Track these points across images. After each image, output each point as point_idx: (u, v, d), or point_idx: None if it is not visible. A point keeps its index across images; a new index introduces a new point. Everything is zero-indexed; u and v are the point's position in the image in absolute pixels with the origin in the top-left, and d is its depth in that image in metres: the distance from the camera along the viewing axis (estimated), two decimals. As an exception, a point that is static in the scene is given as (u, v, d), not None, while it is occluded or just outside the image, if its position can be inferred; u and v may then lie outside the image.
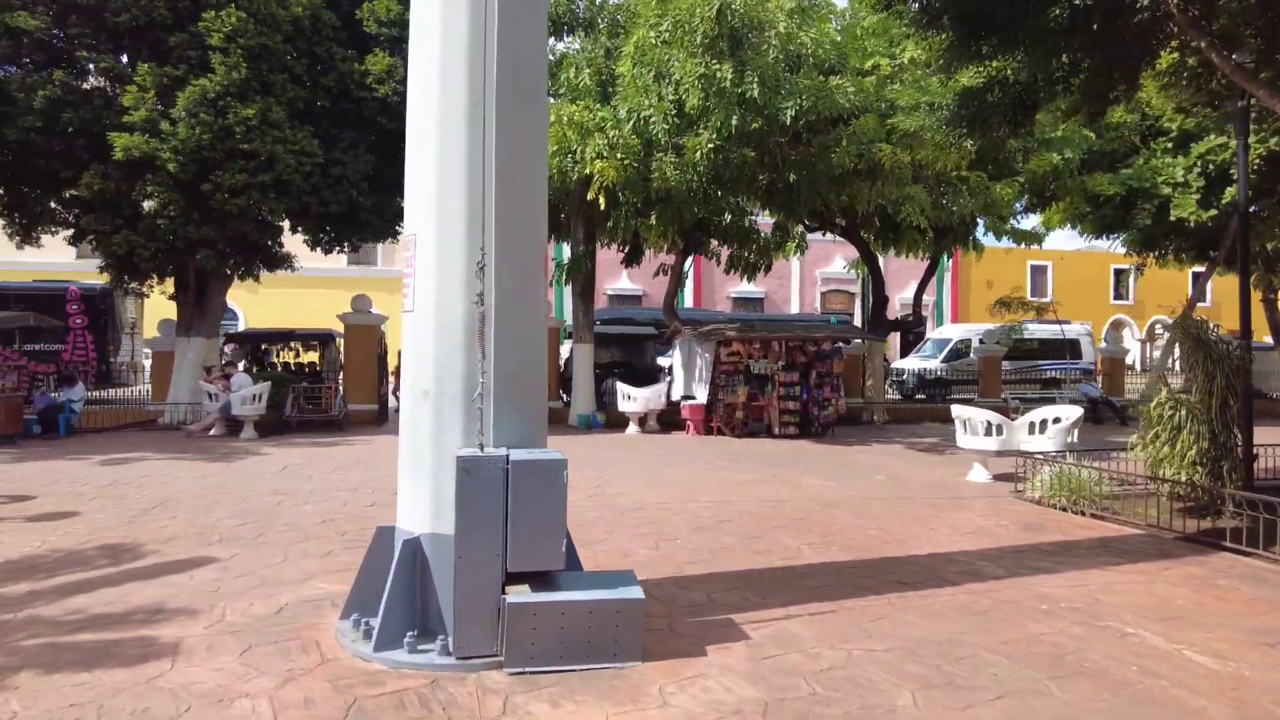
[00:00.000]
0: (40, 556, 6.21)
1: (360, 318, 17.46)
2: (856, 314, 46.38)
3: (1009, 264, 45.95)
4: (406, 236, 4.54)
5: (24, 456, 11.73)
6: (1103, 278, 49.35)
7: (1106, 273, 49.35)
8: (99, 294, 23.01)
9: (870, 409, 18.95)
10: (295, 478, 9.96)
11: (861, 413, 18.57)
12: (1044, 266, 48.13)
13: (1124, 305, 49.58)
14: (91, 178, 13.41)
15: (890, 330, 20.26)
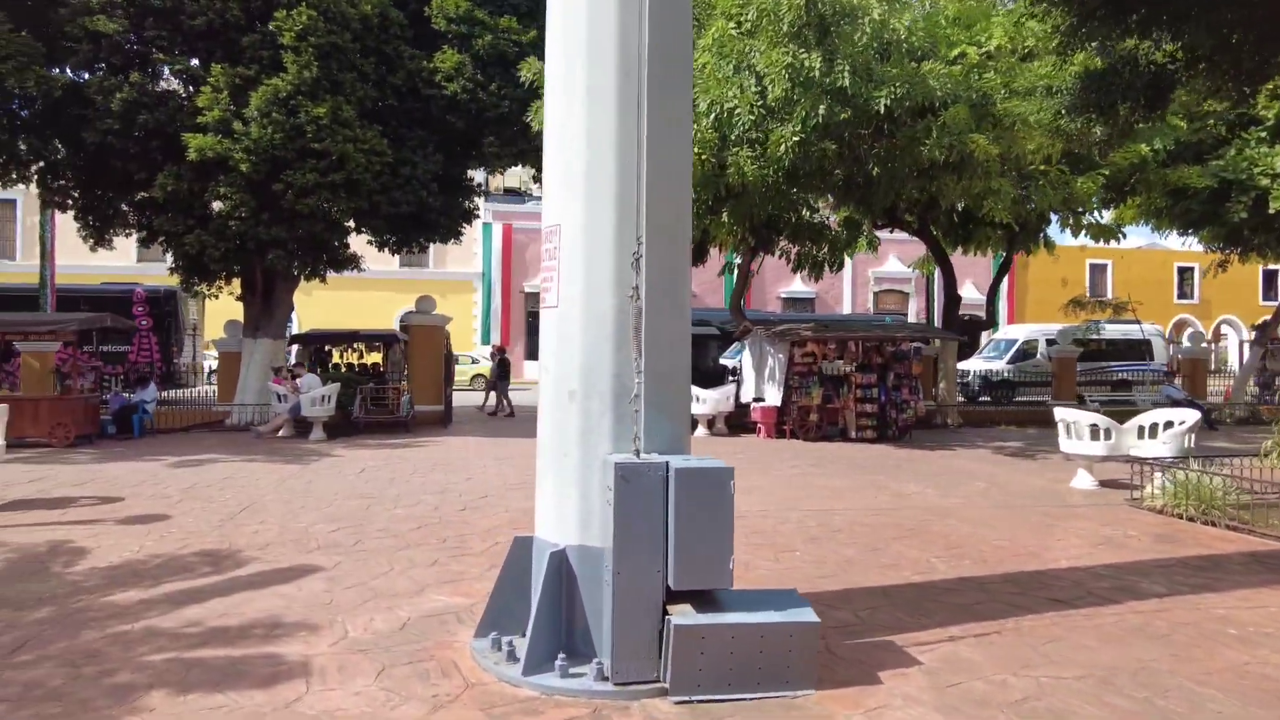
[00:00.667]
0: (140, 562, 6.01)
1: (425, 318, 17.33)
2: (910, 313, 45.47)
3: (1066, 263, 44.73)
4: (548, 227, 4.20)
5: (103, 457, 11.71)
6: (1165, 276, 47.69)
7: (1170, 271, 47.68)
8: (163, 296, 23.27)
9: (943, 412, 18.30)
10: (377, 481, 9.74)
11: (933, 416, 17.93)
12: (1103, 265, 46.66)
13: (1188, 304, 47.87)
14: (165, 179, 13.41)
15: (964, 330, 19.57)
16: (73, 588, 5.36)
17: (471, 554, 6.28)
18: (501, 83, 14.48)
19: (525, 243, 40.64)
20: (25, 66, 12.69)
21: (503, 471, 10.56)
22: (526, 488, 9.24)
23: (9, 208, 36.01)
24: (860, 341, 15.06)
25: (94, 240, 16.29)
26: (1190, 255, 46.23)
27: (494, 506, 8.20)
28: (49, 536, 6.84)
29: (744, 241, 14.95)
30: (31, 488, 9.17)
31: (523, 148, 15.21)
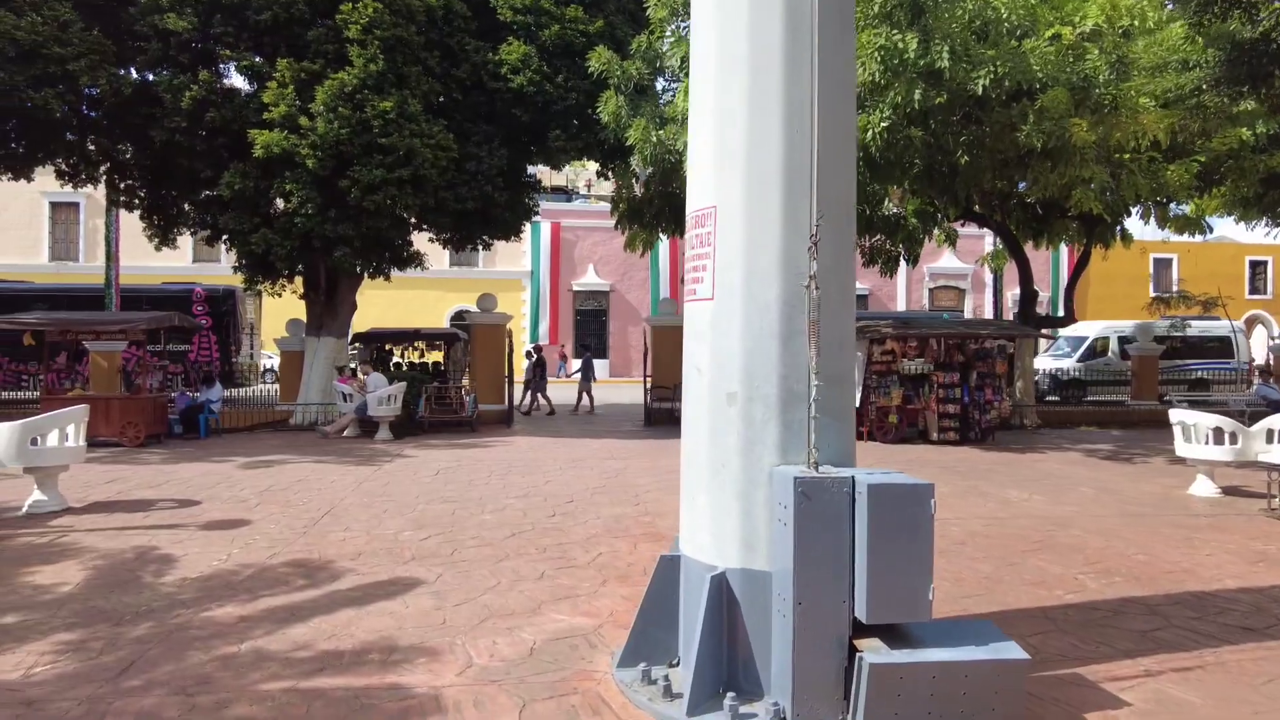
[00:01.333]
0: (231, 572, 5.70)
1: (487, 317, 17.05)
2: (966, 310, 44.26)
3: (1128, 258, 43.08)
4: (698, 211, 3.75)
5: (174, 457, 11.58)
6: (1236, 270, 45.71)
7: (1240, 265, 45.74)
8: (222, 295, 23.39)
9: (1020, 412, 17.51)
10: (455, 484, 9.40)
11: (1009, 416, 17.15)
12: (1168, 260, 44.97)
13: (1261, 300, 45.86)
14: (232, 176, 13.28)
15: (1041, 326, 18.74)
16: (167, 600, 5.05)
17: (577, 566, 5.86)
18: (568, 74, 14.10)
19: (573, 241, 40.43)
20: (98, 65, 12.64)
21: (580, 475, 10.16)
22: (609, 492, 8.87)
23: (72, 210, 36.75)
24: (942, 339, 14.38)
25: (159, 239, 16.30)
26: (1263, 248, 44.29)
27: (584, 513, 7.79)
28: (134, 542, 6.59)
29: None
30: (110, 489, 9.00)
31: (588, 141, 14.81)
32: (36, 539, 6.74)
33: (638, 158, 13.07)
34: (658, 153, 12.92)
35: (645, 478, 9.94)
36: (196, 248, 37.12)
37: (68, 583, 5.46)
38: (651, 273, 40.51)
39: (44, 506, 7.82)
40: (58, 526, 7.20)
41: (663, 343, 17.30)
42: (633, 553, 6.24)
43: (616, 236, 40.97)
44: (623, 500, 8.45)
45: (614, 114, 13.23)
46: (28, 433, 7.68)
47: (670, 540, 6.58)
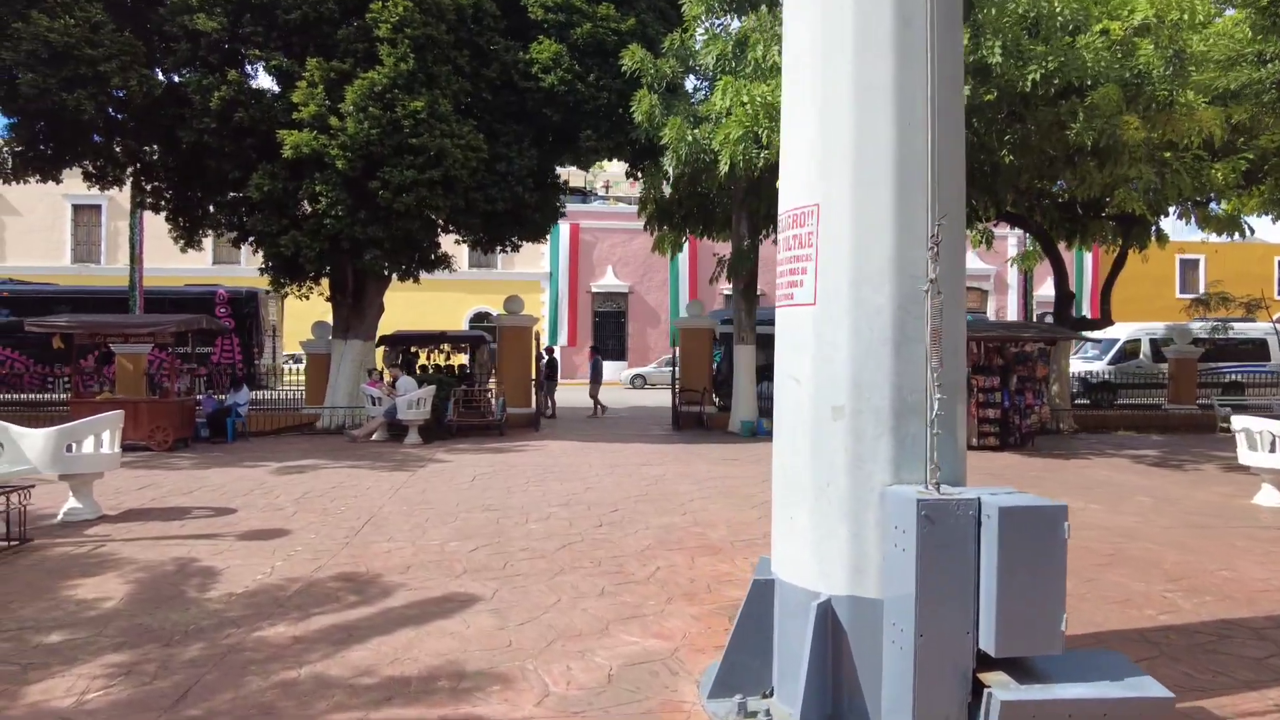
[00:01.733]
0: (278, 587, 5.48)
1: (514, 319, 16.85)
2: (990, 312, 43.75)
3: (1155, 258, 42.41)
4: (796, 209, 3.49)
5: (204, 462, 11.42)
6: (1264, 271, 44.89)
7: (1269, 266, 44.99)
8: (245, 297, 23.31)
9: (1057, 416, 17.14)
10: (493, 490, 9.16)
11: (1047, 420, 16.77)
12: (1195, 260, 44.35)
13: (1292, 302, 45.03)
14: (260, 178, 13.12)
15: (1078, 329, 18.36)
16: (216, 618, 4.84)
17: (636, 581, 5.61)
18: (600, 73, 13.87)
19: (592, 242, 40.26)
20: (128, 66, 12.51)
21: (619, 481, 9.91)
22: (653, 500, 8.60)
23: (94, 213, 36.89)
24: (982, 342, 14.04)
25: (184, 241, 16.18)
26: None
27: (631, 523, 7.53)
28: (173, 553, 6.39)
29: None
30: (143, 496, 8.83)
31: (618, 141, 14.57)
32: (74, 549, 6.55)
33: (671, 157, 12.82)
34: (692, 152, 12.66)
35: (685, 485, 9.68)
36: (217, 250, 37.21)
37: (110, 597, 5.26)
38: (671, 274, 40.25)
39: (79, 514, 7.65)
40: (94, 535, 7.02)
41: (691, 345, 17.05)
42: (691, 567, 5.98)
43: (636, 238, 40.94)
44: (668, 509, 8.19)
45: (647, 113, 12.99)
46: (63, 439, 7.51)
47: (728, 553, 6.36)
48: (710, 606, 5.05)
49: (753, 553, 6.44)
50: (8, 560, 6.17)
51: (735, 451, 12.95)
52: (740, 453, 12.80)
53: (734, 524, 7.53)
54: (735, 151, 12.00)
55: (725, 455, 12.46)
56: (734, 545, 6.71)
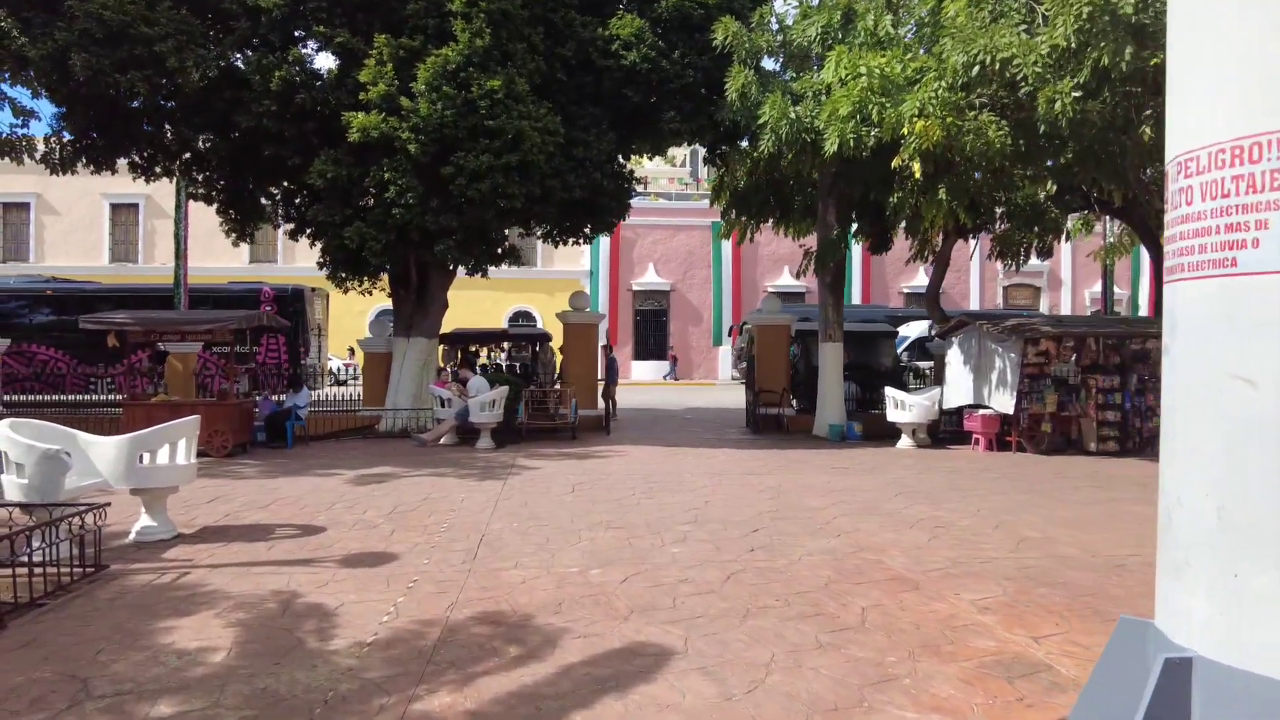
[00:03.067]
0: (413, 634, 4.51)
1: (579, 316, 15.90)
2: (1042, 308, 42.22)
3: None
4: (1223, 144, 2.43)
5: (270, 469, 10.53)
6: None
7: None
8: (290, 294, 22.52)
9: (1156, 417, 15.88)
10: (602, 503, 8.17)
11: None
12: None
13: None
14: (323, 164, 12.23)
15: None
16: (354, 680, 3.86)
17: (850, 627, 4.57)
18: (685, 49, 12.85)
19: (632, 239, 39.25)
20: (185, 46, 11.67)
21: (734, 493, 8.88)
22: (789, 518, 7.45)
23: (131, 211, 36.43)
24: (1100, 338, 12.87)
25: (235, 234, 15.39)
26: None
27: (785, 546, 6.50)
28: (270, 584, 5.45)
29: (964, 222, 12.96)
30: (215, 511, 7.92)
31: (701, 123, 13.54)
32: (156, 576, 5.63)
33: (768, 137, 11.77)
34: (793, 131, 11.62)
35: (813, 498, 8.62)
36: (254, 248, 36.61)
37: (216, 646, 4.31)
38: (714, 271, 39.19)
39: (153, 533, 6.74)
40: (174, 560, 6.10)
41: (769, 344, 15.98)
42: (902, 608, 4.94)
43: (677, 234, 39.92)
44: (815, 529, 7.15)
45: (741, 90, 11.96)
46: (136, 448, 6.61)
47: (929, 589, 5.05)
48: (970, 664, 4.01)
49: (953, 586, 5.40)
50: (86, 593, 5.26)
51: (835, 458, 11.87)
52: (842, 460, 11.72)
53: (906, 549, 6.47)
54: (844, 129, 10.94)
55: (829, 463, 11.39)
56: (927, 577, 5.65)
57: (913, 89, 10.55)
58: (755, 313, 16.76)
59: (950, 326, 14.05)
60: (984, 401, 13.15)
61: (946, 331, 14.12)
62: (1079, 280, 42.88)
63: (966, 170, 12.19)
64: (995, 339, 12.83)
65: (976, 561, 6.10)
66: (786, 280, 39.46)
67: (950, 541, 6.74)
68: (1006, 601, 5.09)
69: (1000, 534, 7.06)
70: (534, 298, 38.19)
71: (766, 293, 39.79)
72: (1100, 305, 31.99)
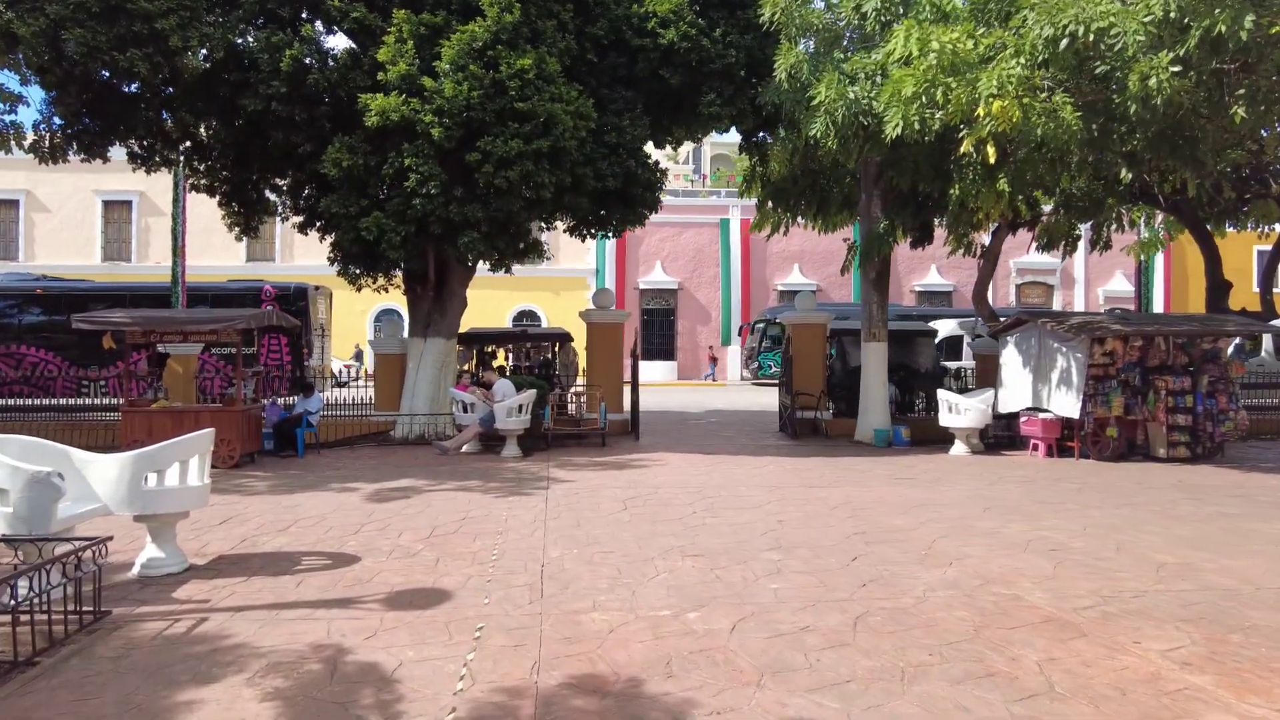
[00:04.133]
0: (502, 710, 3.60)
1: (605, 314, 14.98)
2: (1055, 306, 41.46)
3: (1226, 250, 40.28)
4: None
5: (284, 483, 9.59)
6: None
7: None
8: (293, 293, 21.58)
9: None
10: (664, 524, 7.26)
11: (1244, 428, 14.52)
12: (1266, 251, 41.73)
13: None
14: (338, 151, 11.30)
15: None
16: (442, 782, 2.96)
17: (1039, 693, 3.66)
18: (727, 27, 11.96)
19: (639, 236, 38.33)
20: (188, 23, 10.71)
21: (804, 510, 7.99)
22: (884, 541, 6.50)
23: (124, 208, 35.34)
24: (1169, 336, 12.03)
25: (240, 228, 14.44)
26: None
27: (898, 579, 5.60)
28: (308, 635, 4.54)
29: (1022, 213, 12.11)
30: (228, 534, 7.00)
31: (742, 107, 12.65)
32: (168, 626, 4.71)
33: (822, 120, 10.89)
34: (850, 113, 10.73)
35: (895, 516, 7.74)
36: (251, 245, 35.59)
37: (255, 730, 3.40)
38: (722, 269, 38.31)
39: (161, 566, 5.81)
40: (188, 602, 5.17)
41: (804, 344, 15.08)
42: (1087, 666, 4.05)
43: (685, 231, 38.99)
44: (919, 555, 6.26)
45: (790, 70, 11.07)
46: (141, 467, 5.68)
47: (1099, 635, 4.28)
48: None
49: (1124, 631, 4.53)
50: (84, 649, 4.33)
51: (893, 467, 10.99)
52: (901, 469, 10.85)
53: (1036, 579, 5.59)
54: (908, 111, 10.06)
55: (890, 473, 10.51)
56: (1084, 618, 4.77)
57: (985, 67, 9.68)
58: (789, 310, 15.84)
59: (1007, 324, 13.18)
60: (1043, 404, 12.29)
61: (1002, 330, 13.25)
62: (1092, 278, 42.20)
63: (1029, 157, 11.34)
64: (1059, 338, 11.96)
65: (1127, 596, 5.22)
66: (797, 278, 38.68)
67: (1079, 569, 5.87)
68: (1205, 654, 4.21)
69: (1128, 559, 6.18)
70: (539, 296, 37.24)
71: (776, 290, 39.07)
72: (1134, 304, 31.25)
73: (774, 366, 32.04)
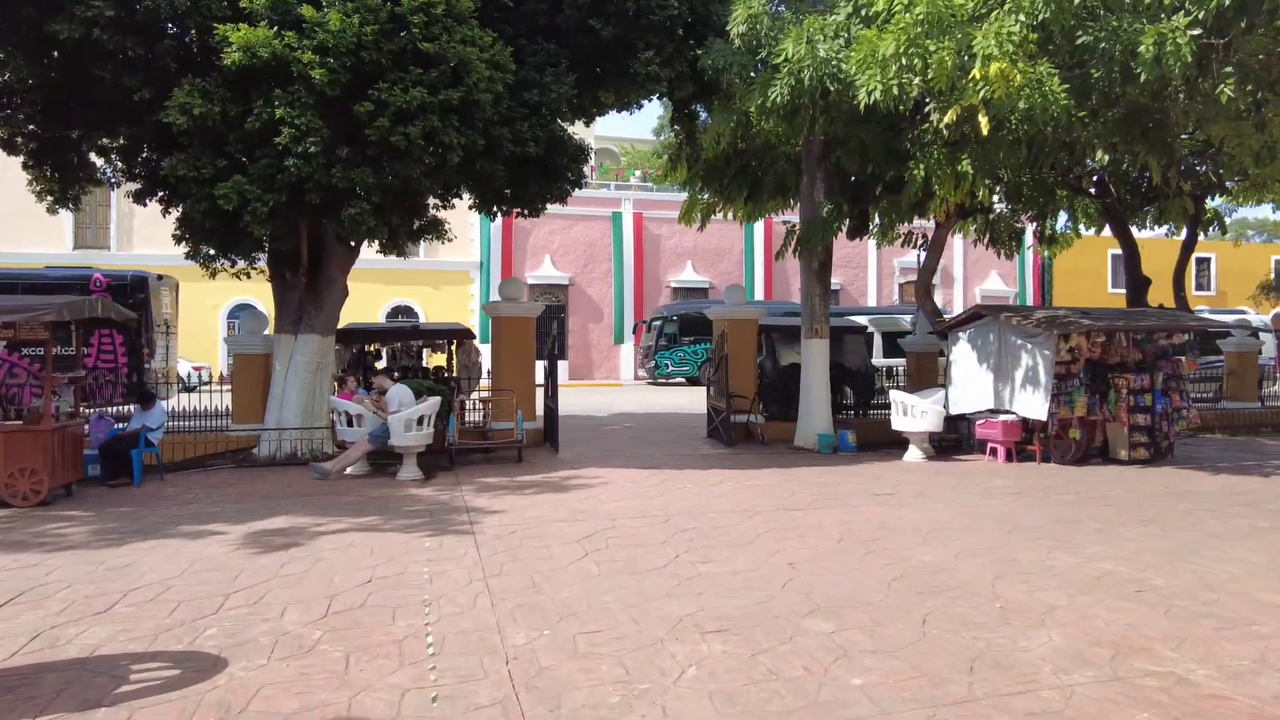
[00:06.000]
0: None
1: (515, 307, 13.05)
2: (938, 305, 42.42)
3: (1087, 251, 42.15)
4: None
5: (109, 529, 7.15)
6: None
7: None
8: (130, 283, 18.24)
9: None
10: (649, 577, 5.50)
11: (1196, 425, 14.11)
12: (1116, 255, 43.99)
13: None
14: (188, 95, 8.83)
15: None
16: None
17: None
18: (671, -27, 10.32)
19: (527, 228, 36.20)
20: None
21: (802, 542, 6.46)
22: (931, 591, 4.85)
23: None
24: (1129, 333, 11.37)
25: (54, 198, 11.51)
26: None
27: (1004, 653, 4.11)
28: None
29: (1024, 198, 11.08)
30: (13, 627, 4.69)
31: (680, 70, 11.04)
32: None
33: (784, 83, 9.44)
34: (816, 76, 9.33)
35: (915, 548, 6.33)
36: (81, 230, 30.91)
37: None
38: (615, 265, 36.72)
39: (-117, 701, 3.54)
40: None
41: (740, 341, 13.65)
42: None
43: (576, 224, 37.07)
44: (1000, 610, 4.82)
45: (748, 22, 9.57)
46: None
47: None
48: None
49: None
50: None
51: (858, 479, 9.69)
52: (869, 481, 9.57)
53: (1178, 644, 4.25)
54: (886, 75, 8.76)
55: (862, 486, 9.20)
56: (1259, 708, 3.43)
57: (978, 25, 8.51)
58: (721, 305, 14.38)
59: (961, 318, 12.22)
60: (1004, 405, 11.37)
61: (953, 325, 12.28)
62: (970, 277, 43.45)
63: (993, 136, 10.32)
64: (1023, 333, 11.04)
65: (1305, 670, 3.95)
66: (690, 275, 37.70)
67: (1198, 621, 4.62)
68: None
69: (1232, 599, 5.04)
70: (417, 291, 34.41)
71: (670, 287, 37.86)
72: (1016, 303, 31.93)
73: (671, 366, 30.81)
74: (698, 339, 31.57)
